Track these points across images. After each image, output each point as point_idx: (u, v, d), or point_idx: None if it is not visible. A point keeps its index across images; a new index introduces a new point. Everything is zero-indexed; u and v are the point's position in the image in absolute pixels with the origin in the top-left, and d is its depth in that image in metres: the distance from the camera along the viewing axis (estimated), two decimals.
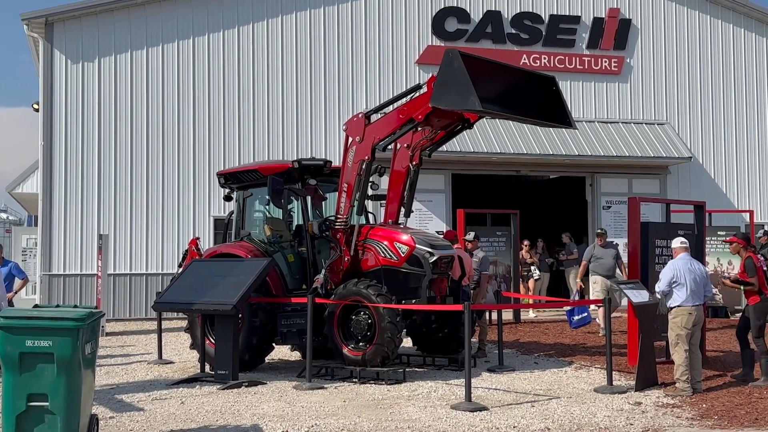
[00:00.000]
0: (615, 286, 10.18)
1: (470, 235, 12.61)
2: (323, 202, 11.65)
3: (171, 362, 11.80)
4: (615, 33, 20.25)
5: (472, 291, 11.82)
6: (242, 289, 9.67)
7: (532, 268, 17.66)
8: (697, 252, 10.96)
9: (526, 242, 17.87)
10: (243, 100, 18.49)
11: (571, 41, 20.08)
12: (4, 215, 34.65)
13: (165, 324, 14.26)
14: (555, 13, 20.01)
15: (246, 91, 18.52)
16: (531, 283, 17.64)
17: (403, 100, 10.62)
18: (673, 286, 9.24)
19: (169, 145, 18.11)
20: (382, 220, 11.70)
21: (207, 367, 10.49)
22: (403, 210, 11.26)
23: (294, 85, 18.70)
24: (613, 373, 9.59)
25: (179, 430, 7.43)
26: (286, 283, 10.89)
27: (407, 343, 11.73)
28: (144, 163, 18.01)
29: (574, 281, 18.02)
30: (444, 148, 13.91)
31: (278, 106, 18.64)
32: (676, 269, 9.25)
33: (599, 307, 13.42)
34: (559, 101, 10.29)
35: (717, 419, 7.87)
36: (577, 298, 11.59)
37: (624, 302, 11.10)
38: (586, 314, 11.07)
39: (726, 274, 15.19)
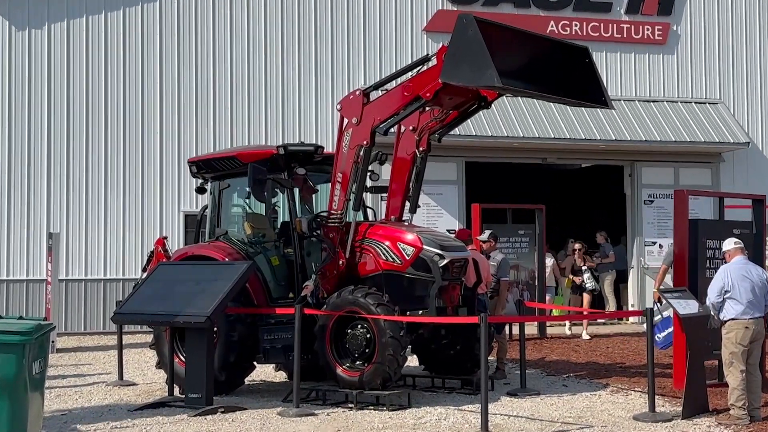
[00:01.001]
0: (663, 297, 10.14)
1: (487, 235, 12.62)
2: (314, 195, 11.66)
3: (133, 384, 11.79)
4: None
5: (489, 300, 11.84)
6: (218, 297, 9.69)
7: (586, 277, 16.47)
8: (756, 255, 10.96)
9: (577, 244, 17.01)
10: (219, 74, 18.47)
11: (607, 5, 20.04)
12: None
13: (127, 339, 14.26)
14: None
15: (222, 64, 18.50)
16: (585, 298, 16.54)
17: (409, 75, 10.62)
18: (726, 295, 9.19)
19: (131, 127, 18.08)
20: (383, 217, 11.73)
21: (176, 390, 10.46)
22: (408, 205, 11.27)
23: (279, 56, 18.66)
24: (656, 397, 9.59)
25: None
26: (270, 290, 10.91)
27: (412, 361, 11.73)
28: (101, 148, 17.97)
29: (610, 290, 18.06)
30: (456, 131, 13.91)
31: (260, 82, 18.61)
32: (729, 276, 9.24)
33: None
34: (592, 76, 10.29)
35: None
36: (658, 311, 11.34)
37: (668, 313, 11.09)
38: (671, 329, 10.99)
39: None
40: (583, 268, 16.64)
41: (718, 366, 10.45)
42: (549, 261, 17.56)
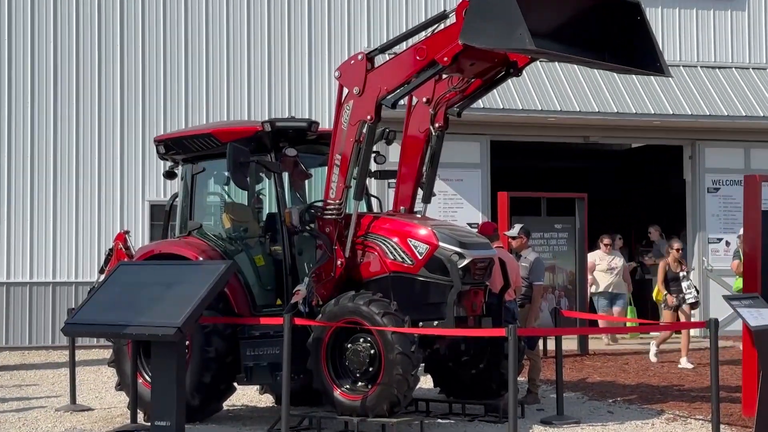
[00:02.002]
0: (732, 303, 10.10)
1: (517, 229, 12.61)
2: (307, 181, 11.66)
3: (89, 409, 11.77)
4: None
5: (519, 309, 11.81)
6: (190, 305, 9.57)
7: (685, 286, 15.11)
8: None
9: (676, 244, 15.63)
10: (192, 35, 18.53)
11: None
12: None
13: (80, 354, 14.24)
14: None
15: (195, 21, 18.56)
16: (687, 310, 15.18)
17: (422, 35, 10.57)
18: None
19: (85, 101, 18.13)
20: (390, 208, 11.68)
21: (140, 417, 10.42)
22: (420, 193, 11.25)
23: (265, 13, 18.69)
24: (722, 426, 9.52)
25: None
26: (253, 296, 10.91)
27: (426, 383, 11.65)
28: (50, 126, 18.03)
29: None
30: (480, 104, 13.93)
31: (243, 45, 18.67)
32: None
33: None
34: (645, 37, 10.25)
35: None
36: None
37: (735, 326, 11.08)
38: None
39: None
40: (681, 275, 15.18)
41: None
42: (618, 261, 17.49)
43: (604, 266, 17.59)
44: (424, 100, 10.96)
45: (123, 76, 18.32)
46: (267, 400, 12.21)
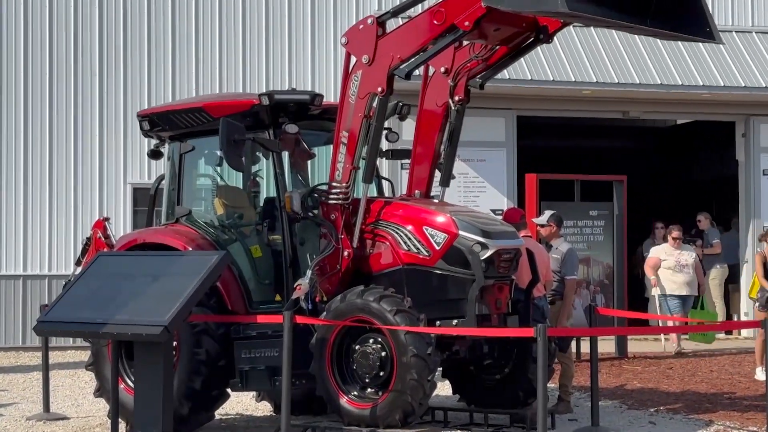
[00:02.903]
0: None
1: (547, 217, 12.63)
2: (309, 162, 11.65)
3: (64, 418, 11.77)
4: None
5: (549, 306, 11.81)
6: (178, 301, 9.58)
7: None
8: None
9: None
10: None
11: None
12: None
13: (55, 357, 14.31)
14: None
15: None
16: None
17: None
18: None
19: (60, 70, 18.15)
20: (404, 192, 11.65)
21: (122, 427, 10.33)
22: (438, 175, 11.26)
23: None
24: None
25: None
26: (249, 291, 10.91)
27: (443, 389, 11.64)
28: (20, 100, 18.05)
29: (717, 292, 17.99)
30: (506, 74, 13.87)
31: (237, 8, 18.67)
32: None
33: None
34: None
35: None
36: None
37: None
38: None
39: None
40: None
41: None
42: (688, 257, 16.89)
43: (672, 263, 16.95)
44: (443, 70, 10.93)
45: (102, 41, 18.34)
46: (265, 409, 12.19)
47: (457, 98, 10.93)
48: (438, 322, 10.16)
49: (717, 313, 17.88)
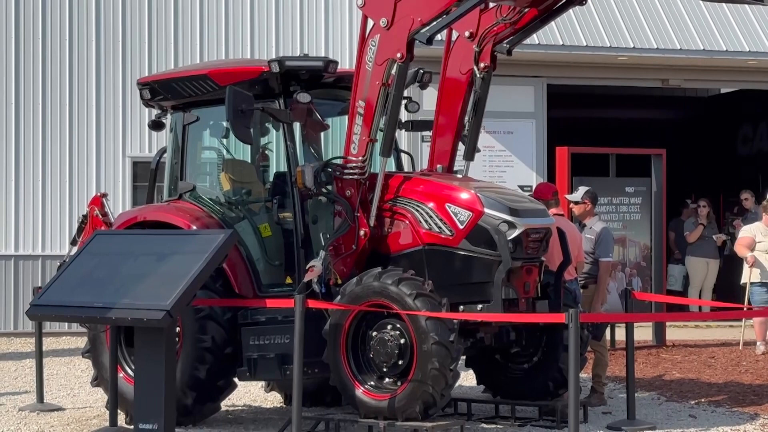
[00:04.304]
0: None
1: (581, 193, 12.72)
2: (323, 134, 11.66)
3: (59, 408, 11.91)
4: None
5: (582, 290, 11.92)
6: (181, 283, 9.58)
7: None
8: None
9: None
10: None
11: None
12: None
13: (49, 343, 14.58)
14: None
15: None
16: None
17: None
18: None
19: (55, 36, 18.33)
20: (425, 166, 11.69)
21: (121, 418, 10.52)
22: (462, 148, 11.35)
23: None
24: None
25: None
26: (258, 274, 11.00)
27: (467, 379, 11.81)
28: (11, 68, 18.25)
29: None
30: (535, 39, 13.82)
31: None
32: None
33: None
34: None
35: None
36: None
37: None
38: None
39: None
40: None
41: None
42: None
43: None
44: (467, 34, 11.01)
45: (99, 5, 18.41)
46: (274, 400, 12.33)
47: (482, 65, 11.02)
48: (461, 307, 10.24)
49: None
